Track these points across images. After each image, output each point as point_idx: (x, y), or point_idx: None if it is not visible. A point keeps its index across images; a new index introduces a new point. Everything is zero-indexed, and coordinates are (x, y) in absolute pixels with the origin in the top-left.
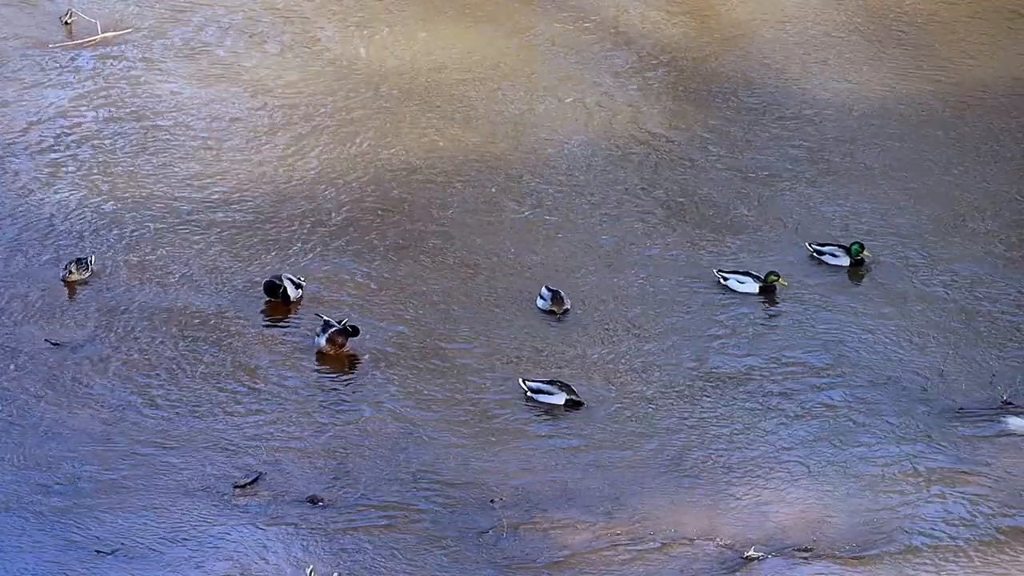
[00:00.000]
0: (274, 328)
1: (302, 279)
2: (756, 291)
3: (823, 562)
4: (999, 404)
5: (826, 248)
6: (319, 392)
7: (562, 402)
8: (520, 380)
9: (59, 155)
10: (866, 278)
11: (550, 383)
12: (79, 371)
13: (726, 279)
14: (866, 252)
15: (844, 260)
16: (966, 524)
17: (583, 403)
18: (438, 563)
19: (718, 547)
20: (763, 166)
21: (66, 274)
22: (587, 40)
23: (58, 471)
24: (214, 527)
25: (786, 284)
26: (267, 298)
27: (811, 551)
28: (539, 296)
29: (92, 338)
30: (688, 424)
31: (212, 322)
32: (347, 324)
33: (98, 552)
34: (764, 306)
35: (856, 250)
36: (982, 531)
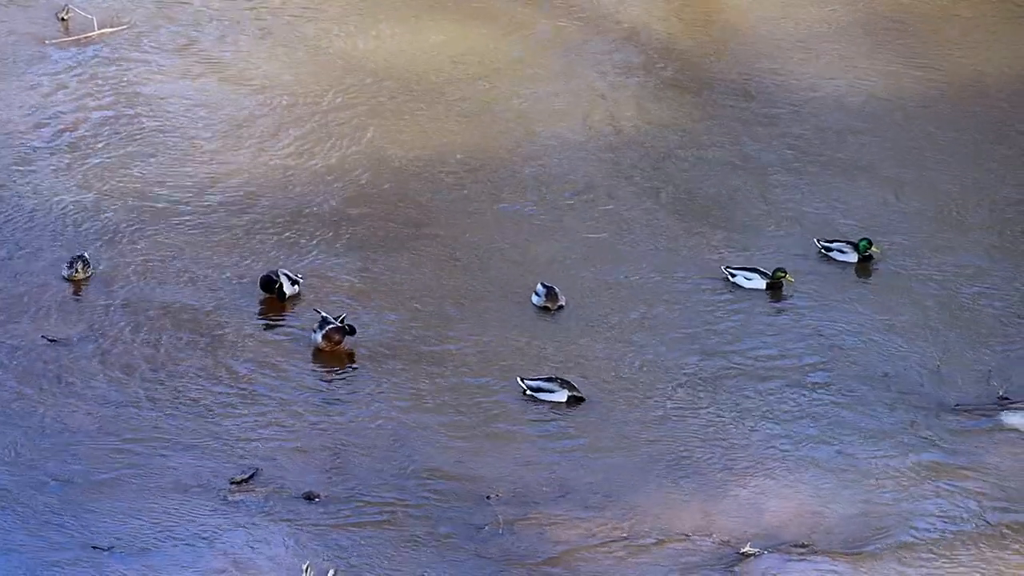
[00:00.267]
0: (271, 324)
1: (299, 275)
2: (763, 287)
3: (819, 558)
4: (995, 400)
5: (834, 244)
6: (315, 388)
7: (564, 399)
8: (519, 379)
9: (55, 152)
10: (861, 274)
11: (550, 380)
12: (76, 367)
13: (734, 275)
14: (875, 248)
15: (852, 256)
16: (962, 520)
17: (584, 398)
18: (434, 559)
19: (714, 543)
20: (761, 160)
21: (72, 272)
22: (584, 35)
23: (54, 467)
24: (210, 523)
25: (792, 280)
26: (264, 294)
27: (807, 547)
28: (534, 292)
29: (88, 335)
30: (684, 420)
31: (208, 318)
32: (345, 322)
33: (94, 548)
34: (760, 302)
35: (864, 246)
36: (978, 527)
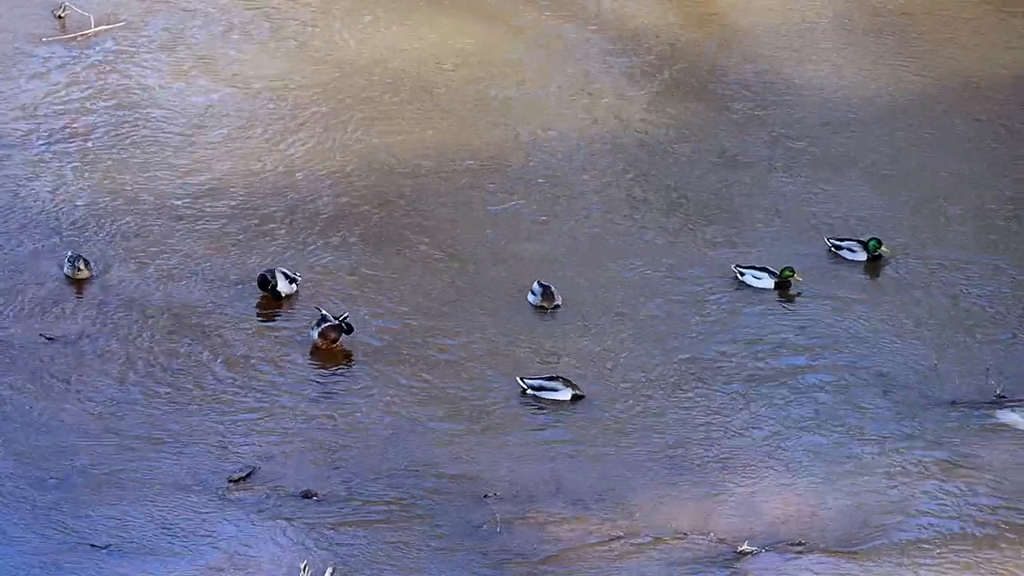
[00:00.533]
0: (268, 322)
1: (297, 274)
2: (772, 287)
3: (816, 556)
4: (992, 398)
5: (843, 243)
6: (313, 387)
7: (568, 397)
8: (518, 379)
9: (52, 149)
10: (859, 272)
11: (551, 379)
12: (73, 365)
13: (743, 274)
14: (884, 248)
15: (861, 255)
16: (959, 518)
17: (585, 396)
18: (432, 557)
19: (712, 541)
20: (757, 157)
21: (76, 271)
22: (580, 33)
23: (52, 465)
24: (208, 521)
25: (801, 279)
26: (262, 293)
27: (804, 545)
28: (530, 291)
29: (86, 332)
30: (681, 418)
31: (206, 316)
32: (344, 321)
33: (92, 546)
34: (756, 299)
35: (874, 246)
36: (975, 524)
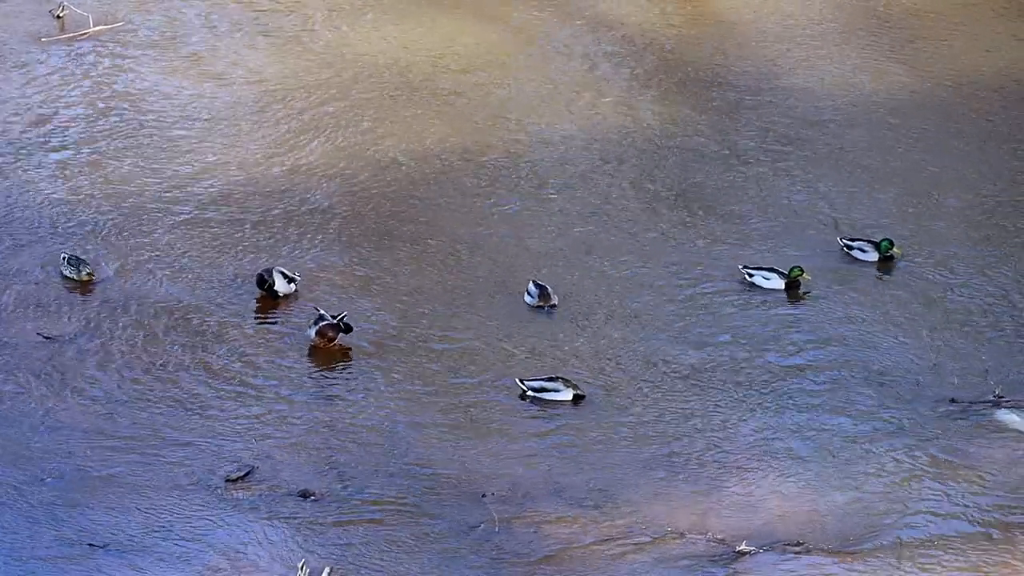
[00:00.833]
0: (266, 322)
1: (296, 273)
2: (782, 287)
3: (815, 556)
4: (991, 398)
5: (855, 243)
6: (311, 386)
7: (570, 397)
8: (517, 380)
9: (51, 150)
10: (869, 272)
11: (551, 380)
12: (71, 365)
13: (751, 275)
14: (896, 249)
15: (873, 255)
16: (957, 518)
17: (585, 395)
18: (429, 557)
19: (710, 541)
20: (753, 154)
21: (83, 273)
22: (575, 32)
23: (50, 464)
24: (206, 521)
25: (810, 278)
26: (260, 292)
27: (803, 545)
28: (527, 293)
29: (84, 332)
30: (680, 418)
31: (204, 316)
32: (341, 320)
33: (90, 545)
34: (756, 298)
35: (886, 247)
36: (973, 524)
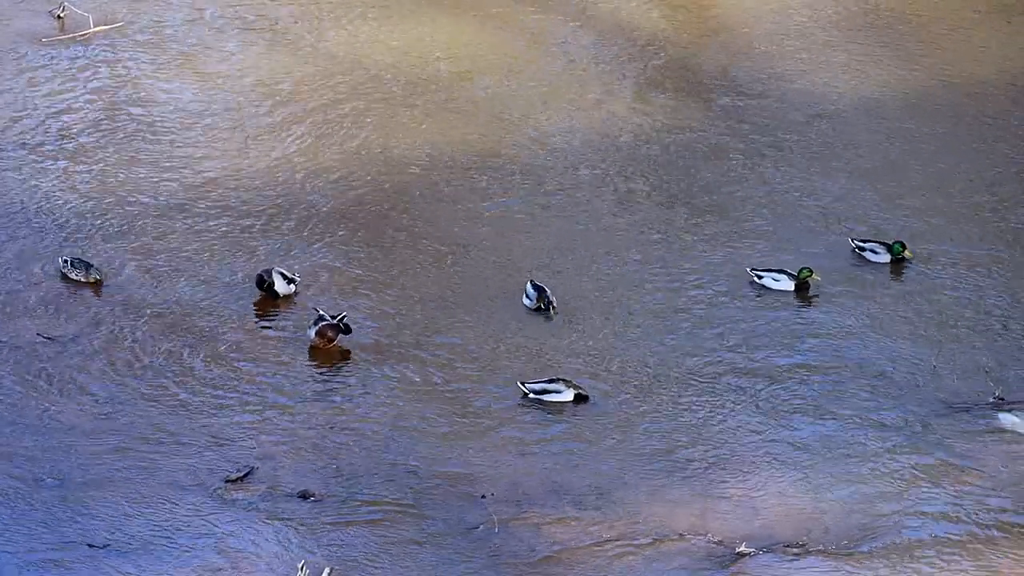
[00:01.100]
0: (266, 322)
1: (295, 274)
2: (791, 289)
3: (814, 558)
4: (990, 400)
5: (867, 244)
6: (311, 386)
7: (571, 398)
8: (518, 383)
9: (50, 150)
10: (855, 273)
11: (553, 381)
12: (71, 365)
13: (760, 277)
14: (907, 252)
15: (885, 257)
16: (957, 520)
17: (588, 397)
18: (429, 558)
19: (709, 542)
20: (756, 155)
21: (92, 276)
22: (572, 32)
23: (49, 465)
24: (206, 521)
25: (819, 279)
26: (260, 293)
27: (802, 547)
28: (524, 295)
29: (84, 332)
30: (679, 419)
31: (203, 316)
32: (341, 320)
33: (90, 546)
34: (755, 299)
35: (898, 250)
36: (973, 526)
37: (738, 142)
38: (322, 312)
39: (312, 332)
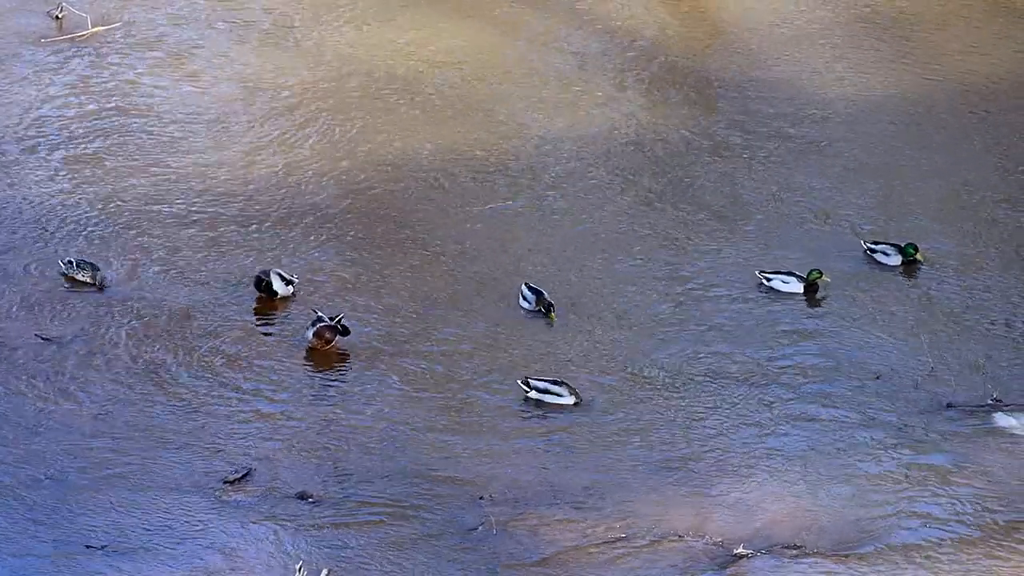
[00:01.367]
0: (264, 324)
1: (294, 275)
2: (800, 291)
3: (812, 559)
4: (988, 401)
5: (879, 246)
6: (309, 388)
7: (571, 402)
8: (519, 381)
9: (50, 150)
10: (905, 277)
11: (556, 383)
12: (69, 366)
13: (769, 280)
14: (919, 255)
15: (896, 259)
16: (955, 521)
17: (582, 402)
18: (427, 560)
19: (707, 544)
20: (752, 155)
21: (97, 278)
22: (574, 33)
23: (48, 466)
24: (204, 523)
25: (829, 280)
26: (258, 294)
27: (800, 548)
28: (521, 297)
29: (82, 333)
30: (677, 421)
31: (202, 318)
32: (339, 322)
33: (88, 547)
34: (753, 300)
35: (910, 252)
36: (971, 528)
37: (738, 141)
38: (320, 313)
39: (310, 333)
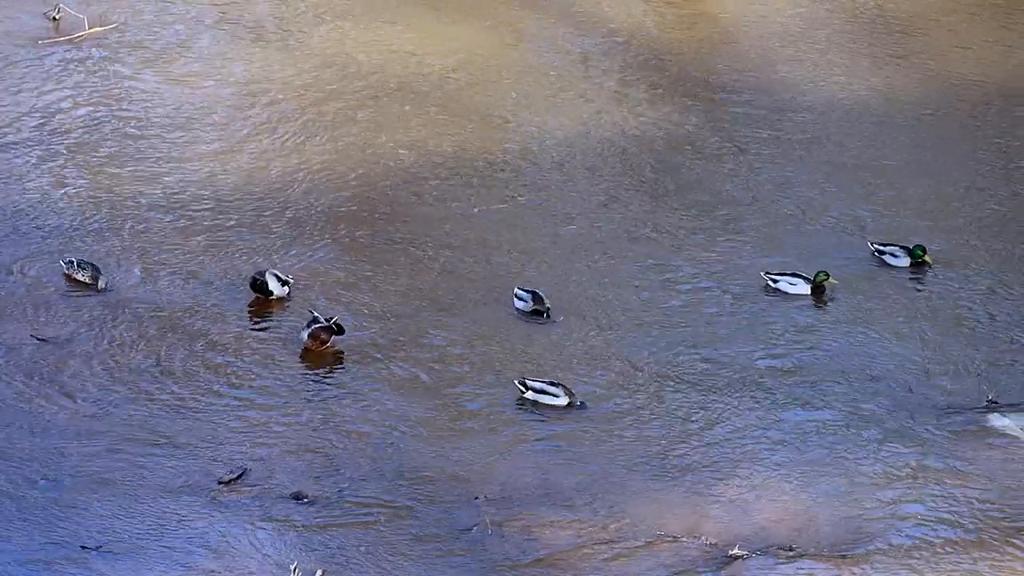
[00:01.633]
0: (260, 324)
1: (290, 276)
2: (808, 292)
3: (807, 560)
4: (984, 403)
5: (887, 248)
6: (304, 388)
7: (565, 404)
8: (516, 381)
9: (46, 150)
10: (914, 279)
11: (553, 384)
12: (65, 367)
13: (776, 282)
14: (928, 257)
15: (904, 261)
16: (950, 523)
17: (584, 405)
18: (422, 560)
19: (703, 545)
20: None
21: (101, 281)
22: (572, 34)
23: (43, 466)
24: (199, 523)
25: (836, 282)
26: (253, 294)
27: (796, 549)
28: (516, 298)
29: (78, 334)
30: (673, 422)
31: (197, 318)
32: (334, 322)
33: (83, 548)
34: (751, 301)
35: (918, 253)
36: (966, 530)
37: (729, 140)
38: (316, 314)
39: (305, 334)
